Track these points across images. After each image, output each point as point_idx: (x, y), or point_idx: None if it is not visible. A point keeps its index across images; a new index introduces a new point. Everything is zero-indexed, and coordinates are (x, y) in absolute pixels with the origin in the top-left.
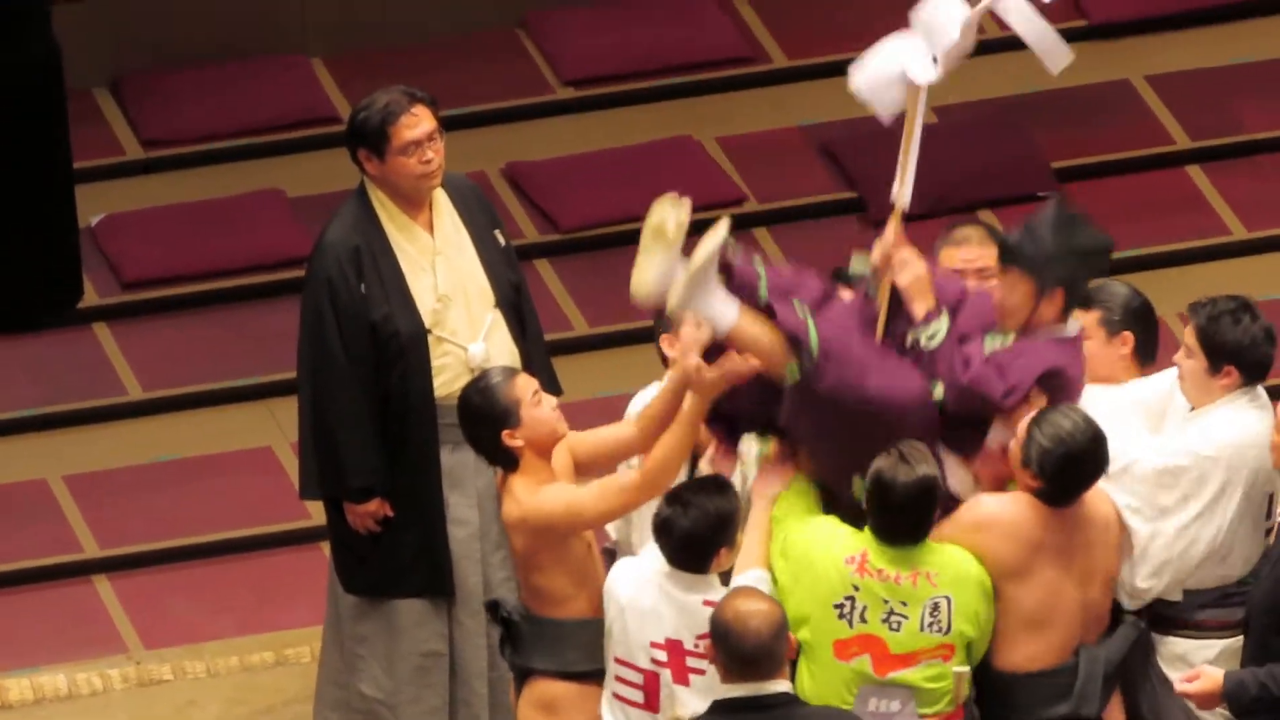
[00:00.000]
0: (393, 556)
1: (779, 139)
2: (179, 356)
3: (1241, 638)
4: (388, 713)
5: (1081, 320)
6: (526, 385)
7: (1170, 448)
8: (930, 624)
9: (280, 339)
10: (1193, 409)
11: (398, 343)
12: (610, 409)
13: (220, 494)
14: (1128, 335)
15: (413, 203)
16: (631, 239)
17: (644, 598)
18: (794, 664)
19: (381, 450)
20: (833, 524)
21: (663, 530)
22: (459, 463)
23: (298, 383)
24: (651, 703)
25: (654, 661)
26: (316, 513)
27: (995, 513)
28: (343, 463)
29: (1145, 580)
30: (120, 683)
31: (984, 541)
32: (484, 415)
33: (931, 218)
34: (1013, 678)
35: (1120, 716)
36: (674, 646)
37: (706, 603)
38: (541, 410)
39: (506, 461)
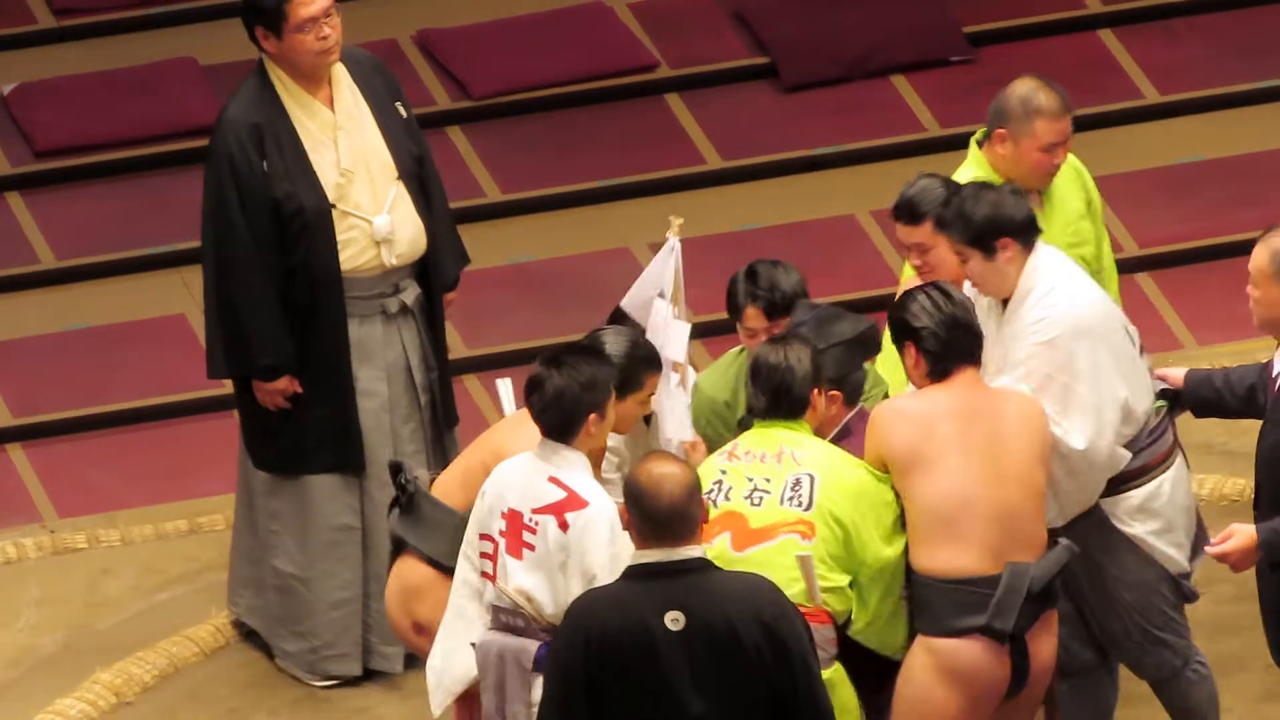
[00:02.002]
0: (303, 432)
1: (691, 4)
2: (92, 225)
3: (1176, 460)
4: (301, 587)
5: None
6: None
7: (1021, 369)
8: (790, 498)
9: (193, 207)
10: (1005, 304)
11: (302, 219)
12: (523, 275)
13: (134, 362)
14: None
15: (312, 79)
16: (544, 105)
17: (507, 469)
18: None
19: (288, 327)
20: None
21: (533, 387)
22: (367, 335)
23: (202, 261)
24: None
25: (500, 532)
26: (228, 381)
27: (887, 406)
28: (250, 341)
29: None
30: (35, 551)
31: (879, 436)
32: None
33: (846, 82)
34: (931, 582)
35: (1050, 644)
36: (514, 517)
37: (552, 479)
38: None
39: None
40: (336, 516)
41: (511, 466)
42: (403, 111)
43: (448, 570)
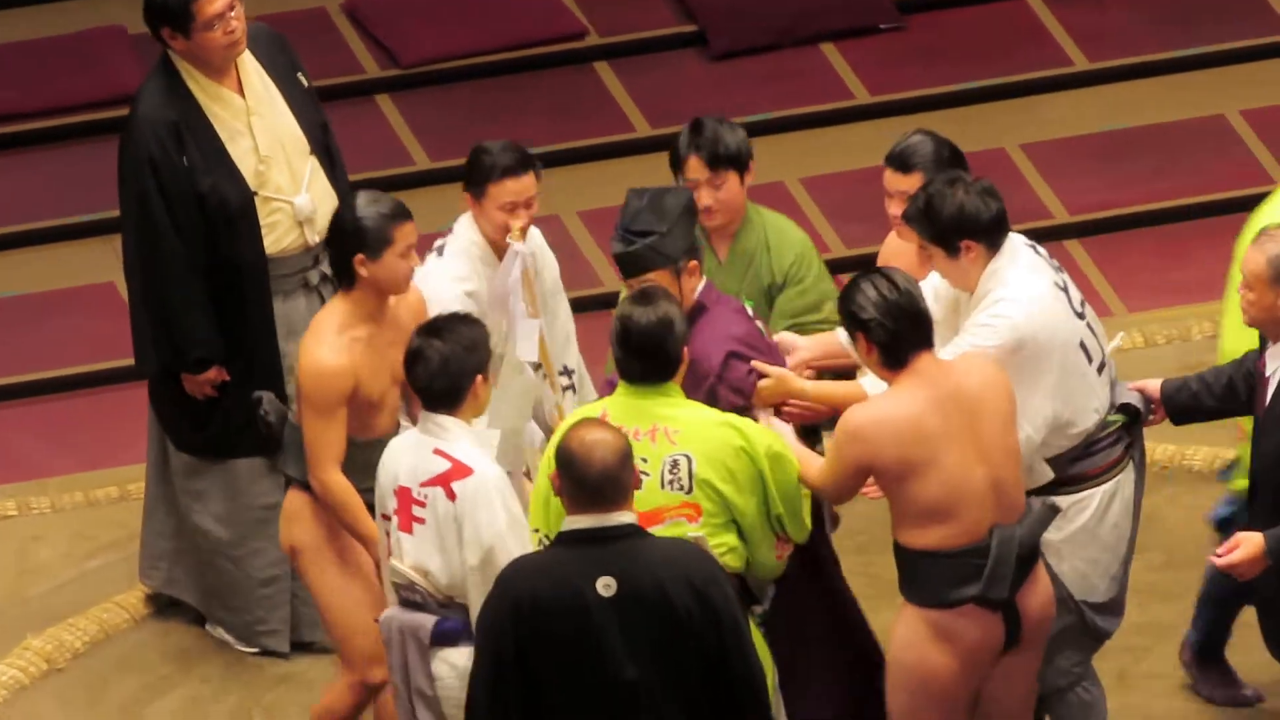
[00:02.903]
0: (229, 417)
1: None
2: (20, 193)
3: (1119, 478)
4: (230, 565)
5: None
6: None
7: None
8: (670, 481)
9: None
10: (971, 295)
11: (226, 211)
12: None
13: (62, 330)
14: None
15: (220, 70)
16: (471, 74)
17: (395, 446)
18: None
19: (215, 319)
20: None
21: (416, 358)
22: (291, 310)
23: (124, 262)
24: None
25: (394, 510)
26: None
27: (868, 419)
28: (181, 337)
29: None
30: None
31: (870, 451)
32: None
33: (775, 50)
34: (920, 555)
35: (1042, 595)
36: (404, 493)
37: (437, 451)
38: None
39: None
40: (264, 495)
41: (398, 443)
42: (304, 81)
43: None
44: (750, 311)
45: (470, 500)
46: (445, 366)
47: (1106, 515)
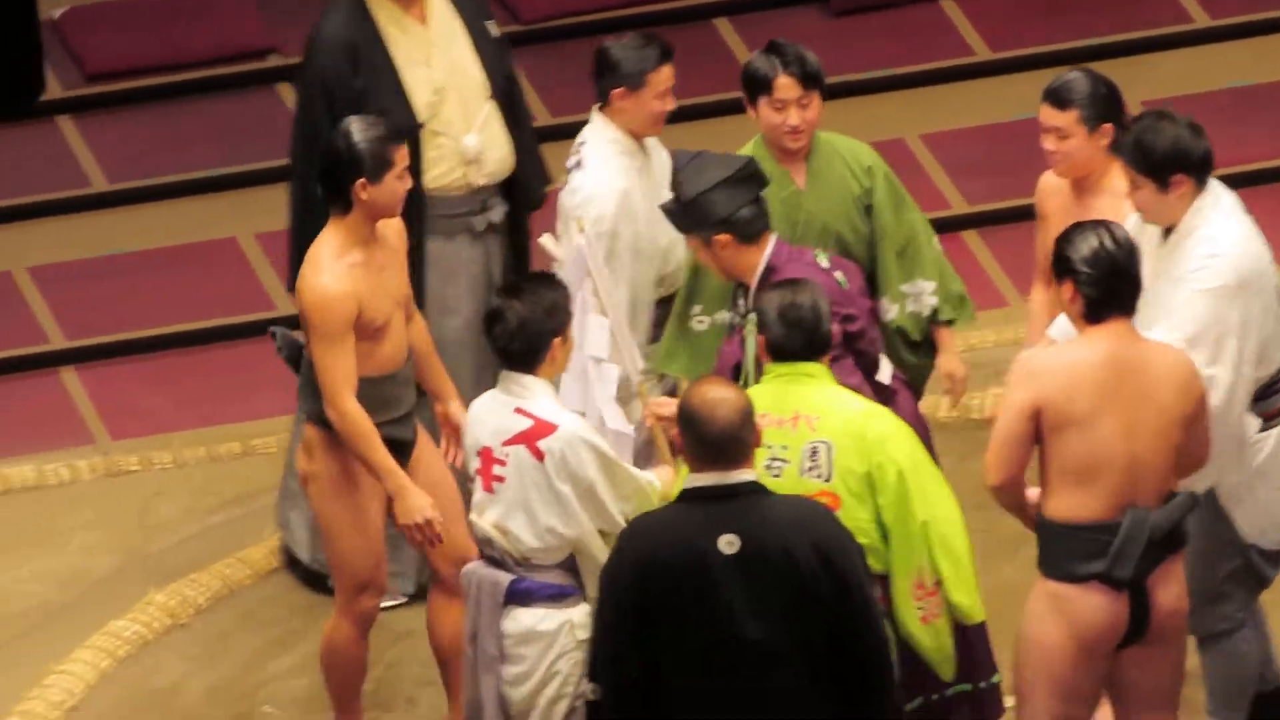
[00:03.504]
0: None
1: None
2: (143, 149)
3: None
4: None
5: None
6: None
7: (1177, 316)
8: (809, 469)
9: (245, 131)
10: (1167, 233)
11: None
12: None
13: (186, 285)
14: (1107, 127)
15: None
16: (596, 29)
17: (477, 407)
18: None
19: None
20: None
21: (496, 319)
22: (452, 253)
23: (290, 176)
24: None
25: (476, 471)
26: (282, 303)
27: (1037, 359)
28: None
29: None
30: (88, 474)
31: (1039, 390)
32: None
33: (896, 5)
34: (1055, 526)
35: (1175, 589)
36: (486, 453)
37: (519, 410)
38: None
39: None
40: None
41: (480, 404)
42: (494, 30)
43: (328, 427)
44: (825, 263)
45: (561, 455)
46: (523, 328)
47: (1274, 456)
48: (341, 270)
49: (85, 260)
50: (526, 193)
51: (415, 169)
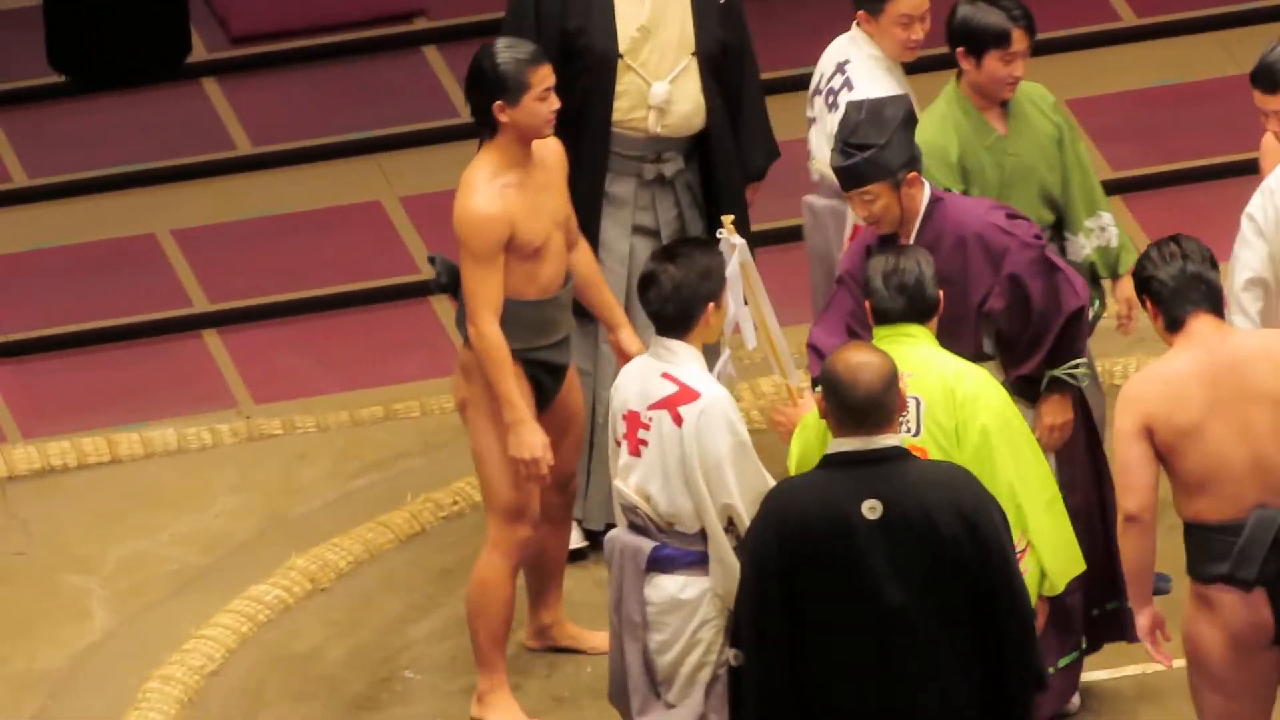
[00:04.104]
0: None
1: None
2: (287, 111)
3: None
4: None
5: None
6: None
7: None
8: (902, 422)
9: (389, 93)
10: None
11: (584, 60)
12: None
13: (329, 248)
14: None
15: None
16: None
17: (627, 370)
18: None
19: None
20: None
21: (649, 283)
22: (618, 193)
23: None
24: None
25: (623, 435)
26: (425, 268)
27: (1139, 378)
28: None
29: None
30: (230, 437)
31: (1143, 410)
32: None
33: None
34: (1189, 526)
35: None
36: (632, 417)
37: (665, 375)
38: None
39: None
40: (579, 361)
41: (630, 368)
42: None
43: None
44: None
45: (697, 423)
46: (677, 292)
47: None
48: (494, 192)
49: (228, 223)
50: (743, 164)
51: (608, 98)
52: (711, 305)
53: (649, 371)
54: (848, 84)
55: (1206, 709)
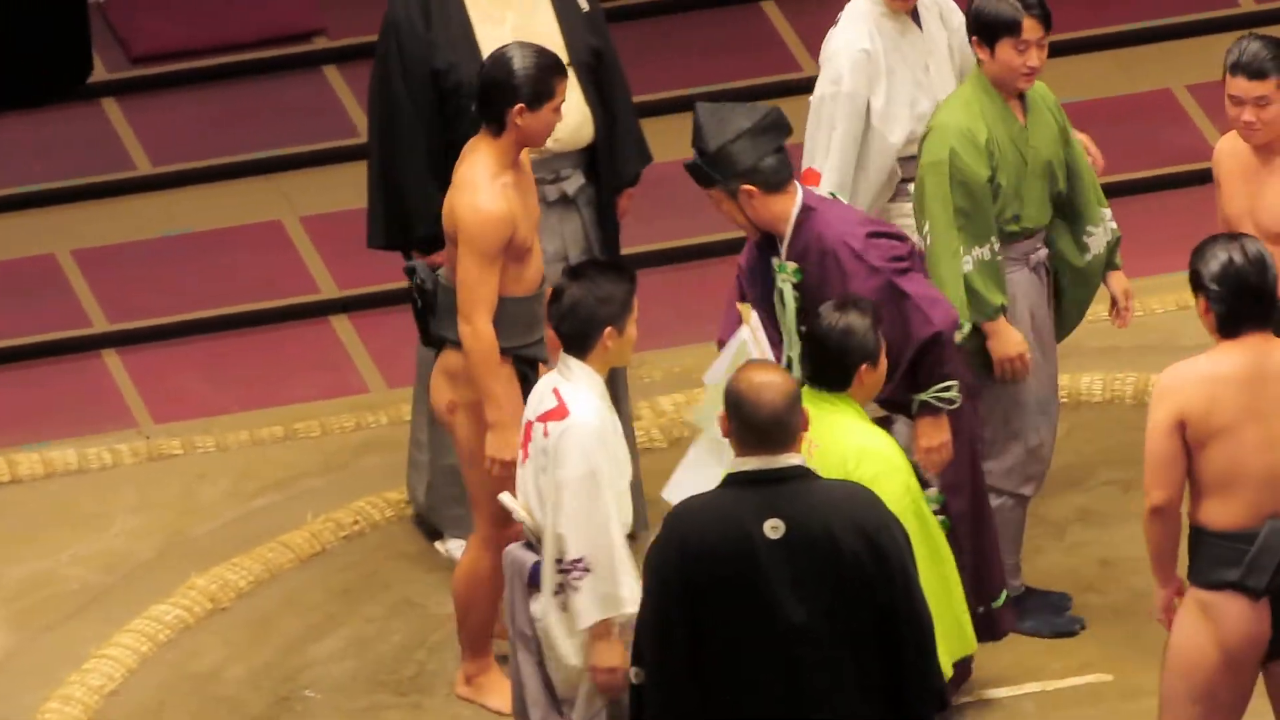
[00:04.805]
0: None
1: None
2: (187, 131)
3: None
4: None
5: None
6: None
7: None
8: None
9: (290, 113)
10: None
11: (461, 93)
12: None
13: (230, 268)
14: None
15: None
16: (658, 9)
17: (538, 383)
18: None
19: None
20: None
21: (554, 297)
22: None
23: (368, 129)
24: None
25: (520, 443)
26: (326, 287)
27: (1178, 372)
28: (408, 212)
29: None
30: (130, 457)
31: (1181, 401)
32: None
33: None
34: (1199, 531)
35: None
36: (526, 428)
37: (555, 390)
38: None
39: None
40: None
41: (540, 381)
42: (584, 4)
43: None
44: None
45: (558, 441)
46: (574, 311)
47: None
48: (497, 191)
49: (129, 243)
50: (614, 169)
51: None
52: (610, 330)
53: (546, 385)
54: (839, 22)
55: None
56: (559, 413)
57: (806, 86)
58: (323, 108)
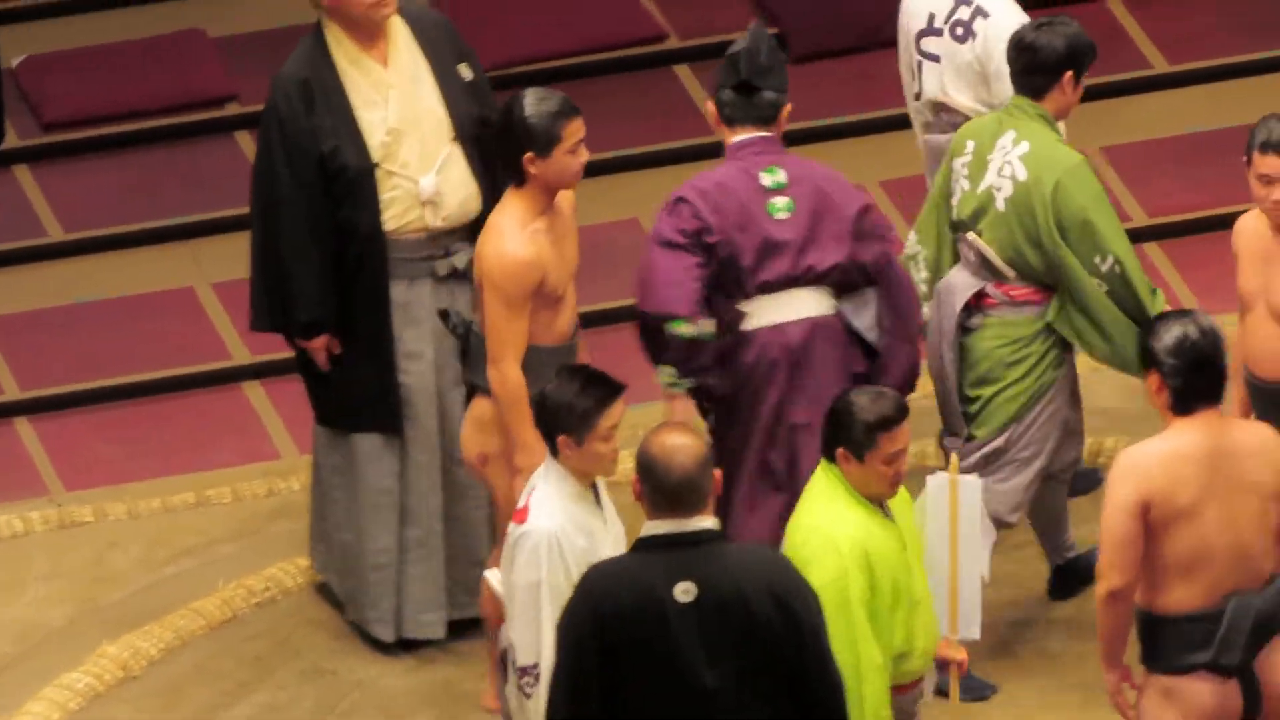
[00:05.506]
0: (347, 392)
1: None
2: (100, 197)
3: None
4: (353, 544)
5: None
6: None
7: None
8: None
9: (202, 180)
10: None
11: (346, 176)
12: None
13: (142, 335)
14: None
15: (366, 34)
16: (555, 76)
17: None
18: (719, 500)
19: (331, 285)
20: None
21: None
22: (415, 297)
23: (251, 215)
24: None
25: None
26: (238, 353)
27: (1139, 454)
28: (291, 297)
29: None
30: (41, 525)
31: (1145, 486)
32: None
33: (858, 52)
34: (1158, 620)
35: None
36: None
37: (530, 491)
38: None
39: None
40: (378, 479)
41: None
42: (467, 73)
43: None
44: None
45: (512, 546)
46: (538, 409)
47: None
48: (526, 237)
49: (40, 310)
50: None
51: (374, 210)
52: (564, 438)
53: (531, 482)
54: (980, 12)
55: None
56: (520, 515)
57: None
58: (235, 173)
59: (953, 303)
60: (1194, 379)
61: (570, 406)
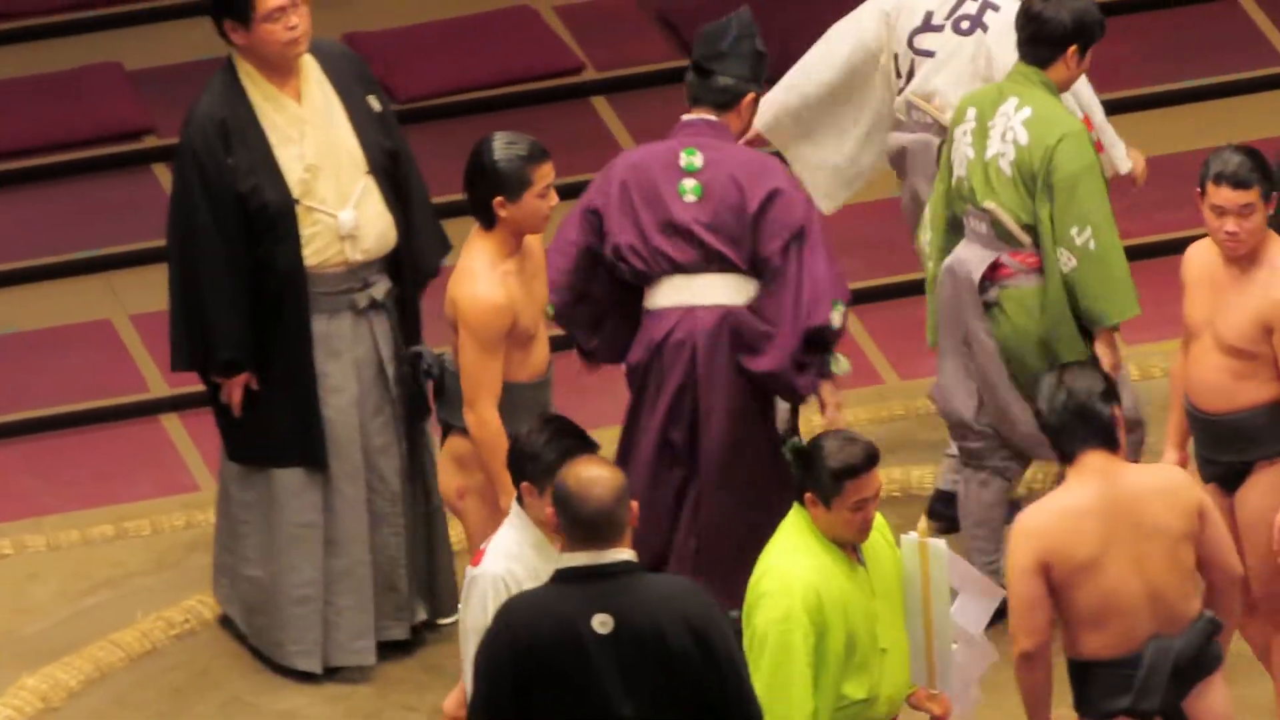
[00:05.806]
0: (268, 427)
1: (616, 7)
2: (15, 230)
3: None
4: (267, 580)
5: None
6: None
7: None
8: None
9: (119, 212)
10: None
11: (266, 214)
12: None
13: (59, 368)
14: (1276, 196)
15: (280, 71)
16: (472, 108)
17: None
18: (635, 532)
19: (250, 323)
20: None
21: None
22: (335, 331)
23: (167, 254)
24: None
25: None
26: (156, 386)
27: (1031, 515)
28: (210, 336)
29: None
30: None
31: (1043, 546)
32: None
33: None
34: (1080, 665)
35: (1217, 710)
36: None
37: (494, 534)
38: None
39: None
40: (300, 513)
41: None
42: (376, 105)
43: None
44: None
45: (466, 587)
46: (509, 455)
47: None
48: (497, 280)
49: None
50: (417, 266)
51: (294, 246)
52: (526, 485)
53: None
54: (989, 5)
55: None
56: (476, 558)
57: None
58: (151, 206)
59: (969, 275)
60: (1064, 426)
61: (536, 456)
